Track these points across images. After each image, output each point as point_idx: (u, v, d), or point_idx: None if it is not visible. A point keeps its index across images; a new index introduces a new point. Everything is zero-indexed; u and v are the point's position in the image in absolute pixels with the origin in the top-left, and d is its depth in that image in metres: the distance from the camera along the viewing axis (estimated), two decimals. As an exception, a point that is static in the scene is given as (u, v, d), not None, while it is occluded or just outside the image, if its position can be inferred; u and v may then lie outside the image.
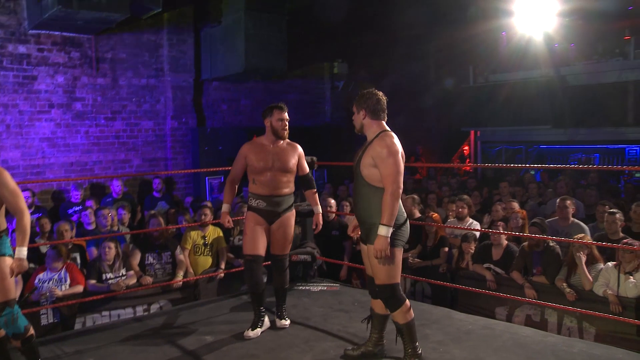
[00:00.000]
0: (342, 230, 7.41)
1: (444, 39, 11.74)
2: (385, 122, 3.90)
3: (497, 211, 7.21)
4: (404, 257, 6.25)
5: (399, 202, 3.71)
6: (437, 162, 14.53)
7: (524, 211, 6.87)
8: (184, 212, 7.80)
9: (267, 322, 4.74)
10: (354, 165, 3.93)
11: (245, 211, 6.25)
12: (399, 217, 3.75)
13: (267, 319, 4.75)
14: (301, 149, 4.83)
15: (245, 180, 4.86)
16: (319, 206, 4.97)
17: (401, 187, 3.69)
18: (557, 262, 5.84)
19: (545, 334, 4.72)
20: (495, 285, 6.06)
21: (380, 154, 3.69)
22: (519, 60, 12.81)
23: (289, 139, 4.80)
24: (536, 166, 9.95)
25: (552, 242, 5.92)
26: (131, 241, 7.14)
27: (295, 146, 4.79)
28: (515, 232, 6.34)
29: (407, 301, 3.83)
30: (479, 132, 15.29)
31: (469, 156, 15.59)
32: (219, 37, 10.22)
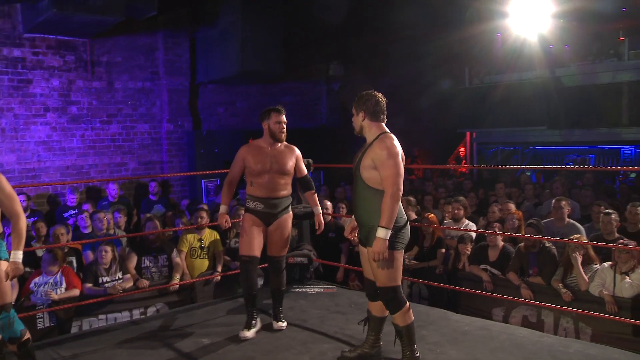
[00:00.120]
0: (339, 232, 7.42)
1: (439, 41, 11.73)
2: (385, 124, 3.87)
3: (493, 212, 7.23)
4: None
5: (398, 205, 3.68)
6: (433, 164, 14.54)
7: (519, 212, 6.89)
8: (181, 215, 7.79)
9: (259, 323, 4.75)
10: (353, 167, 3.90)
11: (241, 213, 6.27)
12: (399, 219, 3.73)
13: (259, 320, 4.77)
14: (299, 152, 4.84)
15: (241, 182, 4.87)
16: (319, 207, 4.98)
17: (401, 190, 3.67)
18: (553, 262, 5.85)
19: (541, 334, 4.74)
20: (491, 286, 6.07)
21: (380, 156, 3.67)
22: (514, 61, 12.83)
23: (288, 141, 4.82)
24: (532, 167, 9.99)
25: (548, 242, 5.94)
26: (127, 244, 7.12)
27: (292, 149, 4.80)
28: (511, 233, 6.35)
29: (407, 304, 3.82)
30: (474, 133, 15.31)
31: (465, 157, 15.61)
32: (214, 40, 10.22)
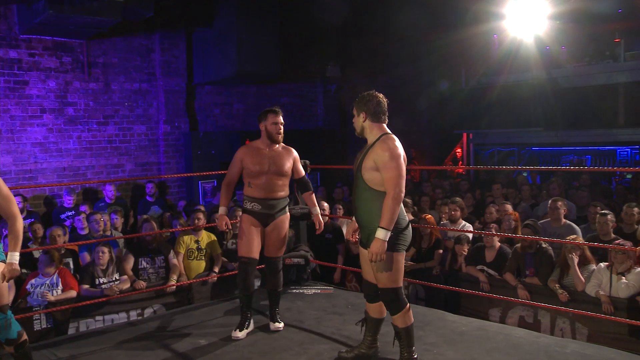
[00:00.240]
0: (336, 233, 7.43)
1: (436, 42, 11.77)
2: (386, 125, 3.84)
3: (490, 213, 7.24)
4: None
5: (400, 206, 3.64)
6: (430, 165, 14.57)
7: (516, 213, 6.91)
8: (178, 216, 7.79)
9: (252, 325, 4.76)
10: (354, 168, 3.87)
11: (238, 215, 6.27)
12: (401, 221, 3.70)
13: (252, 322, 4.78)
14: (296, 153, 4.86)
15: (238, 183, 4.87)
16: (317, 207, 4.99)
17: (403, 191, 3.62)
18: (550, 263, 5.87)
19: (538, 334, 4.75)
20: (488, 287, 6.09)
21: (382, 157, 3.63)
22: (511, 62, 12.86)
23: (285, 142, 4.83)
24: (529, 167, 10.01)
25: (545, 243, 5.96)
26: (124, 246, 7.12)
27: (290, 150, 4.82)
28: (508, 234, 6.37)
29: (408, 305, 3.81)
30: (471, 134, 15.35)
31: (462, 158, 15.64)
32: (211, 41, 10.21)
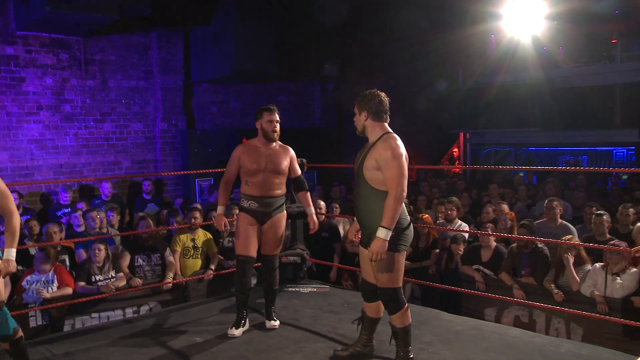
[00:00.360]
0: (332, 231, 7.44)
1: (433, 42, 11.77)
2: (387, 124, 3.81)
3: (487, 213, 7.26)
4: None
5: (401, 206, 3.61)
6: (426, 164, 14.59)
7: (512, 213, 6.93)
8: (175, 214, 7.79)
9: (247, 323, 4.77)
10: (355, 167, 3.84)
11: (235, 213, 6.27)
12: (402, 220, 3.68)
13: (248, 321, 4.79)
14: (293, 152, 4.86)
15: (235, 182, 4.88)
16: (312, 207, 5.00)
17: (405, 191, 3.59)
18: (546, 263, 5.88)
19: (533, 334, 4.76)
20: (484, 286, 6.10)
21: (384, 156, 3.61)
22: (508, 63, 12.89)
23: (282, 141, 4.84)
24: (525, 167, 10.01)
25: (541, 243, 5.97)
26: (121, 243, 7.11)
27: (287, 149, 4.83)
28: (504, 233, 6.38)
29: (406, 305, 3.81)
30: (468, 134, 15.38)
31: (459, 158, 15.66)
32: (208, 39, 10.20)
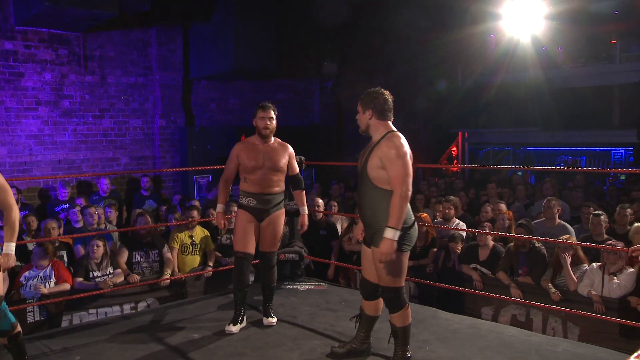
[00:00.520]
0: (330, 229, 7.44)
1: (433, 41, 11.78)
2: (391, 122, 3.78)
3: (486, 212, 7.27)
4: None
5: (407, 205, 3.60)
6: (425, 163, 14.60)
7: (510, 212, 6.93)
8: (173, 210, 7.79)
9: (245, 320, 4.78)
10: (359, 166, 3.81)
11: (234, 210, 6.28)
12: (407, 220, 3.65)
13: (245, 318, 4.80)
14: (292, 149, 4.87)
15: (235, 179, 4.89)
16: (306, 207, 5.02)
17: (410, 189, 3.56)
18: (543, 262, 5.90)
19: (530, 333, 4.78)
20: (481, 285, 6.11)
21: (388, 155, 3.57)
22: (507, 62, 12.90)
23: (280, 138, 4.84)
24: (523, 167, 10.04)
25: (538, 243, 5.98)
26: (119, 239, 7.12)
27: (286, 146, 4.83)
28: (501, 233, 6.39)
29: (408, 305, 3.81)
30: (467, 133, 15.40)
31: (457, 157, 15.68)
32: (208, 36, 10.20)
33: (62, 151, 9.26)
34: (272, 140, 4.76)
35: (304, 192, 5.02)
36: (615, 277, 5.31)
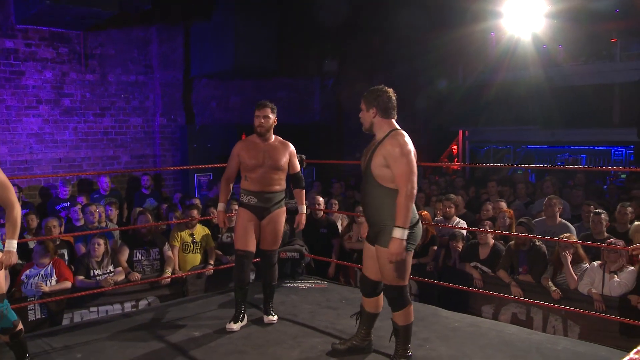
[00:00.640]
0: (331, 228, 7.45)
1: (434, 40, 11.77)
2: (395, 121, 3.76)
3: (487, 210, 7.27)
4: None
5: (413, 203, 3.58)
6: (425, 161, 14.60)
7: (511, 210, 6.94)
8: (174, 208, 7.79)
9: (246, 318, 4.78)
10: (362, 165, 3.79)
11: (234, 208, 6.29)
12: (411, 218, 3.62)
13: (246, 316, 4.80)
14: (293, 148, 4.86)
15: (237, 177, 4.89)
16: (304, 206, 5.03)
17: (415, 188, 3.55)
18: (543, 261, 5.90)
19: (530, 331, 4.78)
20: (482, 283, 6.12)
21: (392, 153, 3.56)
22: (508, 61, 12.89)
23: (281, 137, 4.84)
24: (524, 166, 10.06)
25: (539, 241, 5.99)
26: (120, 238, 7.12)
27: (287, 144, 4.83)
28: (502, 231, 6.39)
29: (410, 304, 3.80)
30: (467, 131, 15.40)
31: (458, 155, 15.68)
32: (208, 34, 10.19)
33: (62, 149, 9.26)
34: (272, 138, 4.76)
35: (303, 191, 5.03)
36: (615, 276, 5.31)
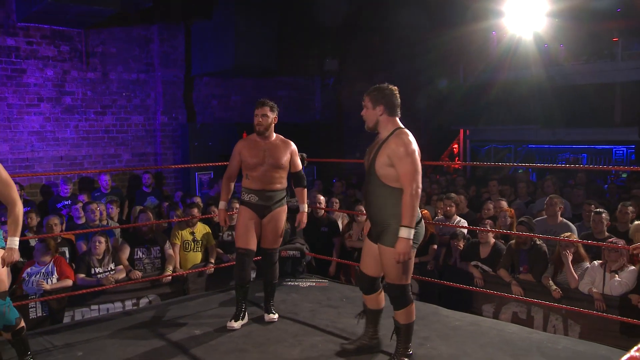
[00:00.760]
0: (331, 226, 7.45)
1: (435, 39, 11.78)
2: (399, 119, 3.74)
3: (488, 209, 7.27)
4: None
5: (418, 202, 3.56)
6: (426, 161, 14.60)
7: (512, 210, 6.94)
8: (175, 207, 7.79)
9: (247, 316, 4.78)
10: (366, 164, 3.77)
11: (235, 206, 6.29)
12: None
13: (247, 314, 4.80)
14: (294, 146, 4.85)
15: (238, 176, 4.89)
16: (306, 205, 5.01)
17: (420, 187, 3.54)
18: (544, 260, 5.90)
19: (531, 330, 4.79)
20: (482, 282, 6.12)
21: (397, 152, 3.54)
22: (509, 60, 12.89)
23: (281, 135, 4.84)
24: (525, 165, 10.06)
25: (539, 240, 5.99)
26: (121, 236, 7.13)
27: (288, 143, 4.82)
28: (502, 230, 6.39)
29: (413, 303, 3.80)
30: (468, 131, 15.39)
31: (458, 154, 15.68)
32: (210, 33, 10.19)
33: (64, 147, 9.27)
34: (273, 136, 4.76)
35: (305, 189, 5.01)
36: (616, 275, 5.31)
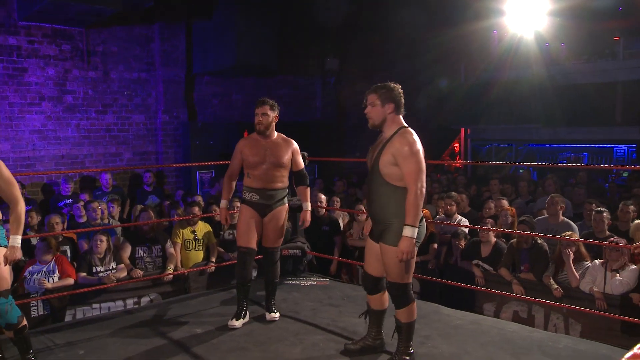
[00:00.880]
0: (333, 225, 7.46)
1: (436, 38, 11.77)
2: (402, 118, 3.73)
3: (489, 208, 7.27)
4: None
5: (422, 201, 3.56)
6: (427, 160, 14.59)
7: (513, 209, 6.94)
8: (176, 206, 7.80)
9: (248, 315, 4.78)
10: (369, 163, 3.76)
11: (237, 205, 6.29)
12: None
13: (248, 313, 4.80)
14: (296, 145, 4.84)
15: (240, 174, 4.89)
16: (309, 203, 4.98)
17: (424, 186, 3.53)
18: (545, 259, 5.90)
19: (532, 329, 4.79)
20: (483, 281, 6.12)
21: (401, 151, 3.53)
22: (510, 59, 12.88)
23: (285, 134, 4.84)
24: (526, 164, 10.06)
25: (540, 239, 5.99)
26: (122, 234, 7.14)
27: (290, 142, 4.81)
28: (503, 229, 6.39)
29: (414, 302, 3.80)
30: (469, 129, 15.39)
31: (459, 154, 15.68)
32: (210, 32, 10.20)
33: (65, 146, 9.28)
34: (274, 135, 4.75)
35: (308, 188, 4.98)
36: (617, 274, 5.31)
